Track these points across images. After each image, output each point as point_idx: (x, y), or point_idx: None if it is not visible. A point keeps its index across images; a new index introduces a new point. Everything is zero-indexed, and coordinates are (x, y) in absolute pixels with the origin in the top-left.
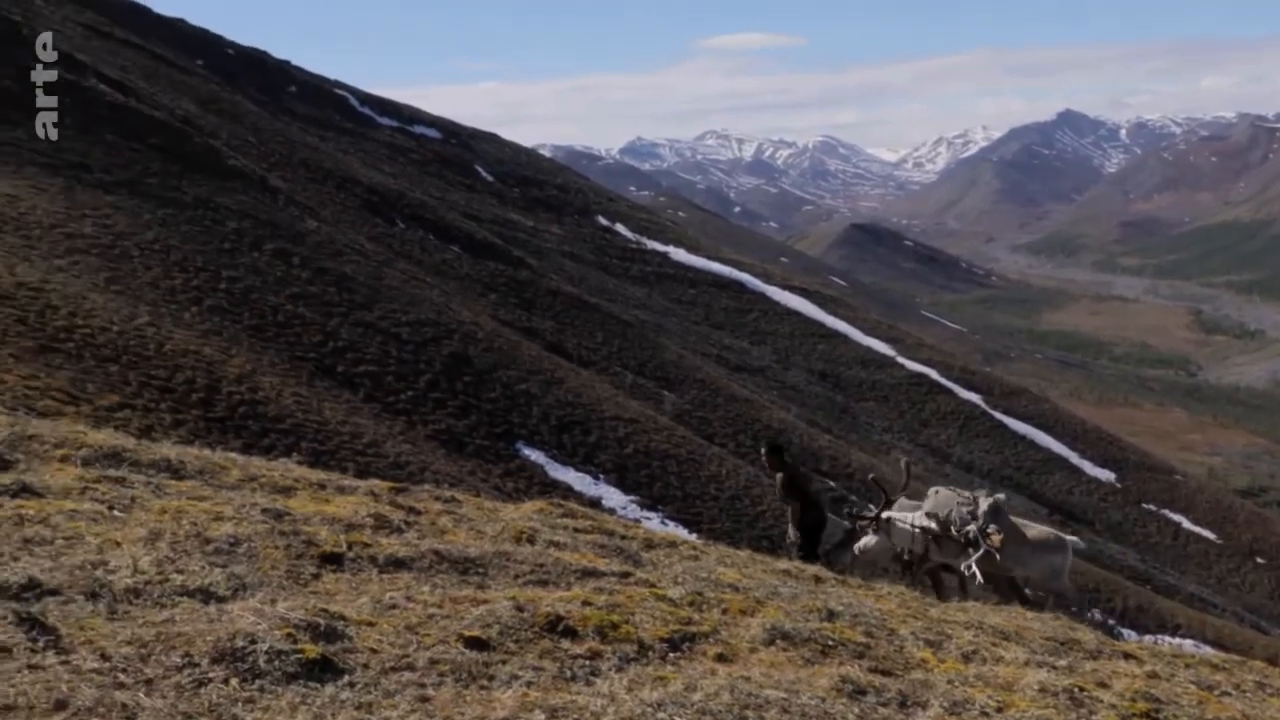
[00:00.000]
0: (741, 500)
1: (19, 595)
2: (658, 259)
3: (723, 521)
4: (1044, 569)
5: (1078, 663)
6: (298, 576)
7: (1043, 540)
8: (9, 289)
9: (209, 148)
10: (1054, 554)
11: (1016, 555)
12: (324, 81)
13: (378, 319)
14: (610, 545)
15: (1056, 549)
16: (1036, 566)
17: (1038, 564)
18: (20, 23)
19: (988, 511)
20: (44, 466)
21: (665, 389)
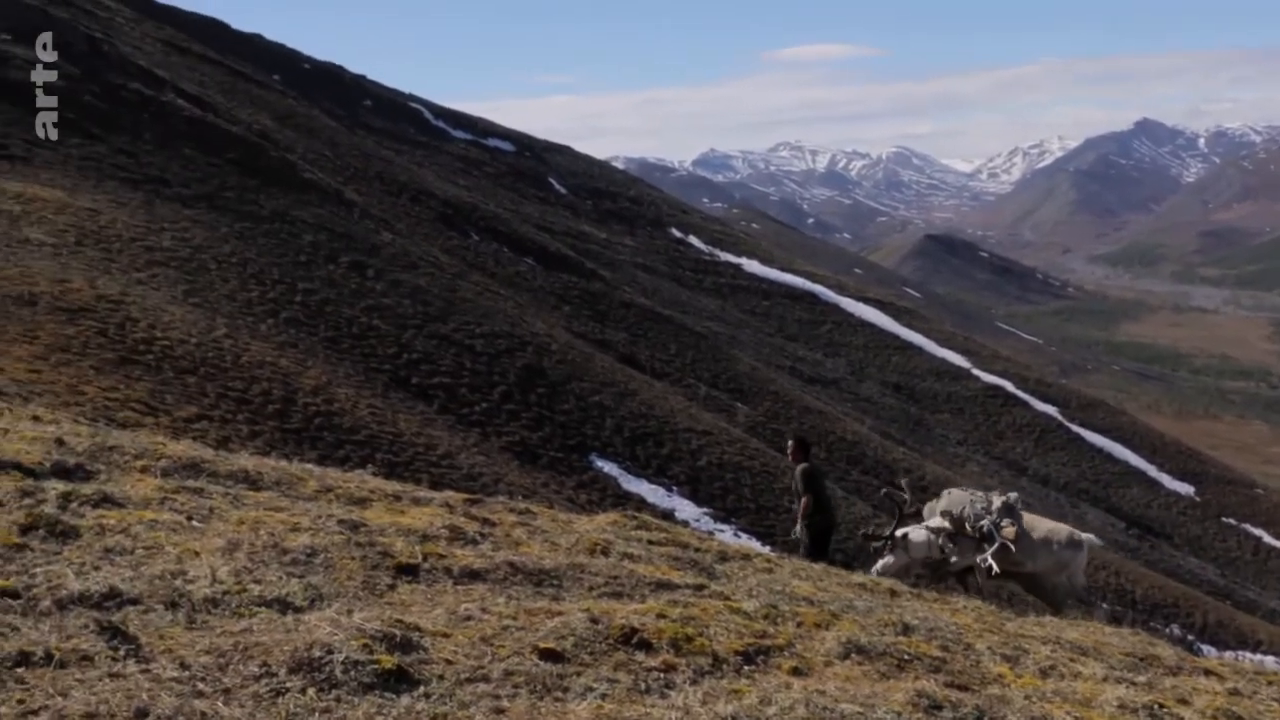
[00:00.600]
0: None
1: (100, 604)
2: (731, 271)
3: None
4: (1054, 563)
5: (1157, 679)
6: (373, 587)
7: (1055, 536)
8: (89, 302)
9: (285, 162)
10: (1065, 549)
11: (1029, 550)
12: (399, 95)
13: (452, 331)
14: (684, 558)
15: (1068, 545)
16: (1046, 561)
17: (1049, 559)
18: (101, 39)
19: (1000, 507)
20: (124, 477)
21: (738, 401)
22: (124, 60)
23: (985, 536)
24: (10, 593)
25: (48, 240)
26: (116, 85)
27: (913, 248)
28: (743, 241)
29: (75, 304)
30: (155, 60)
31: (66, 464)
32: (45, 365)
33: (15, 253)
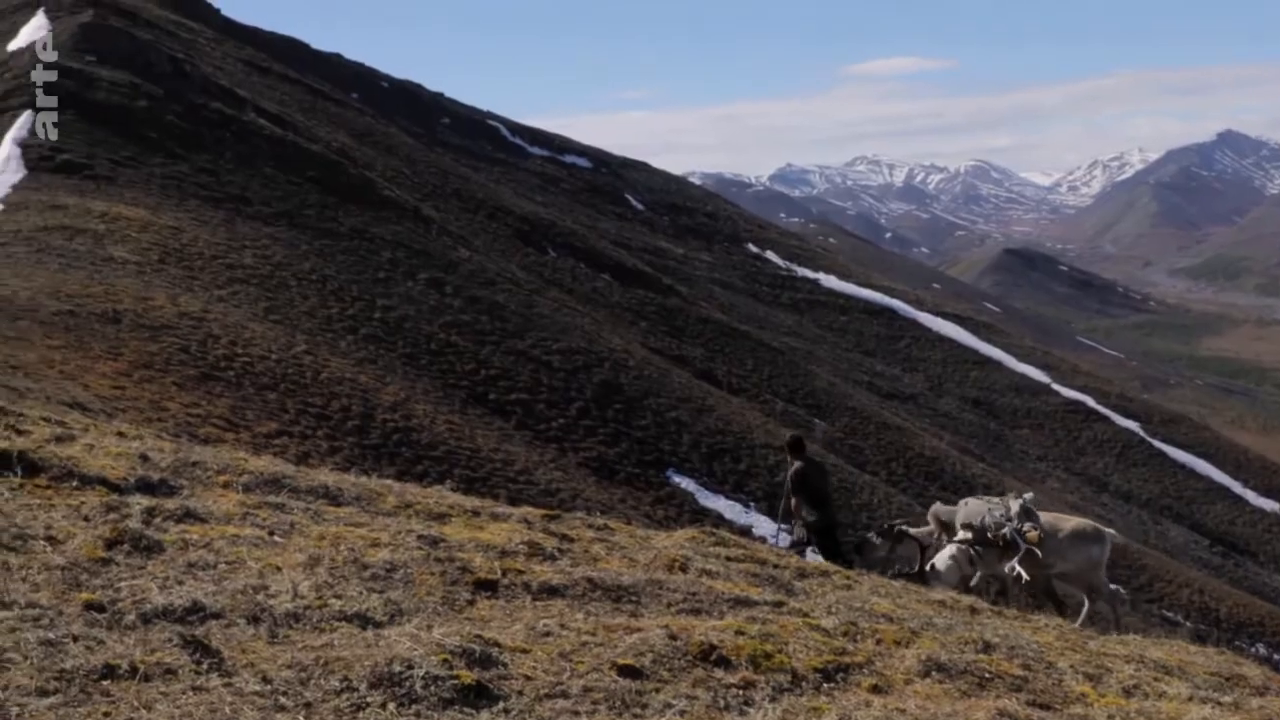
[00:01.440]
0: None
1: (184, 618)
2: (808, 286)
3: None
4: (1083, 560)
5: (1243, 699)
6: (453, 603)
7: (1080, 532)
8: (172, 319)
9: (364, 179)
10: (1092, 545)
11: (1055, 549)
12: (476, 113)
13: (529, 347)
14: (763, 574)
15: (1094, 540)
16: (1075, 558)
17: (1076, 555)
18: (184, 60)
19: (1020, 512)
20: (207, 492)
21: (816, 416)
22: (206, 80)
23: (1009, 544)
24: (96, 606)
25: (131, 258)
26: (198, 105)
27: (991, 262)
28: (820, 256)
29: (158, 321)
30: (236, 80)
31: (150, 479)
32: (129, 382)
33: (100, 270)
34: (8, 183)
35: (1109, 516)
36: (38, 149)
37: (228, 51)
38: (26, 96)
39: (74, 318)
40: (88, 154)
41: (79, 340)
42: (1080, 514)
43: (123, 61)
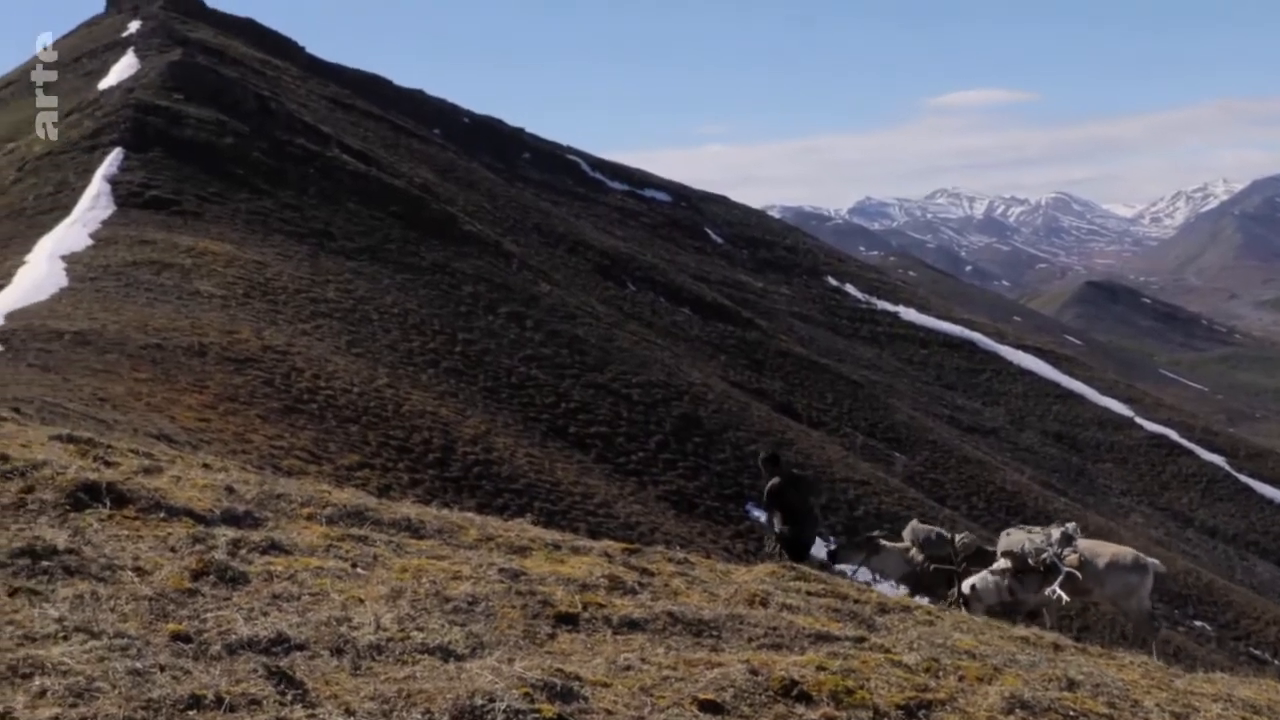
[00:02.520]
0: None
1: (268, 649)
2: (888, 319)
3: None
4: (1119, 587)
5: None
6: (534, 636)
7: (1118, 560)
8: (256, 352)
9: (446, 214)
10: (1130, 573)
11: (1095, 575)
12: (556, 148)
13: (609, 380)
14: (843, 609)
15: (1133, 569)
16: (1113, 585)
17: (1114, 583)
18: (269, 97)
19: (1060, 538)
20: (291, 524)
21: (896, 450)
22: (291, 117)
23: (1050, 569)
24: (182, 637)
25: (217, 292)
26: (283, 141)
27: (1073, 294)
28: (900, 289)
29: (243, 354)
30: (320, 117)
31: (236, 511)
32: (214, 414)
33: (186, 304)
34: (98, 218)
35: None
36: (126, 185)
37: (312, 89)
38: (117, 134)
39: (161, 351)
40: (175, 190)
41: (165, 373)
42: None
43: (210, 99)
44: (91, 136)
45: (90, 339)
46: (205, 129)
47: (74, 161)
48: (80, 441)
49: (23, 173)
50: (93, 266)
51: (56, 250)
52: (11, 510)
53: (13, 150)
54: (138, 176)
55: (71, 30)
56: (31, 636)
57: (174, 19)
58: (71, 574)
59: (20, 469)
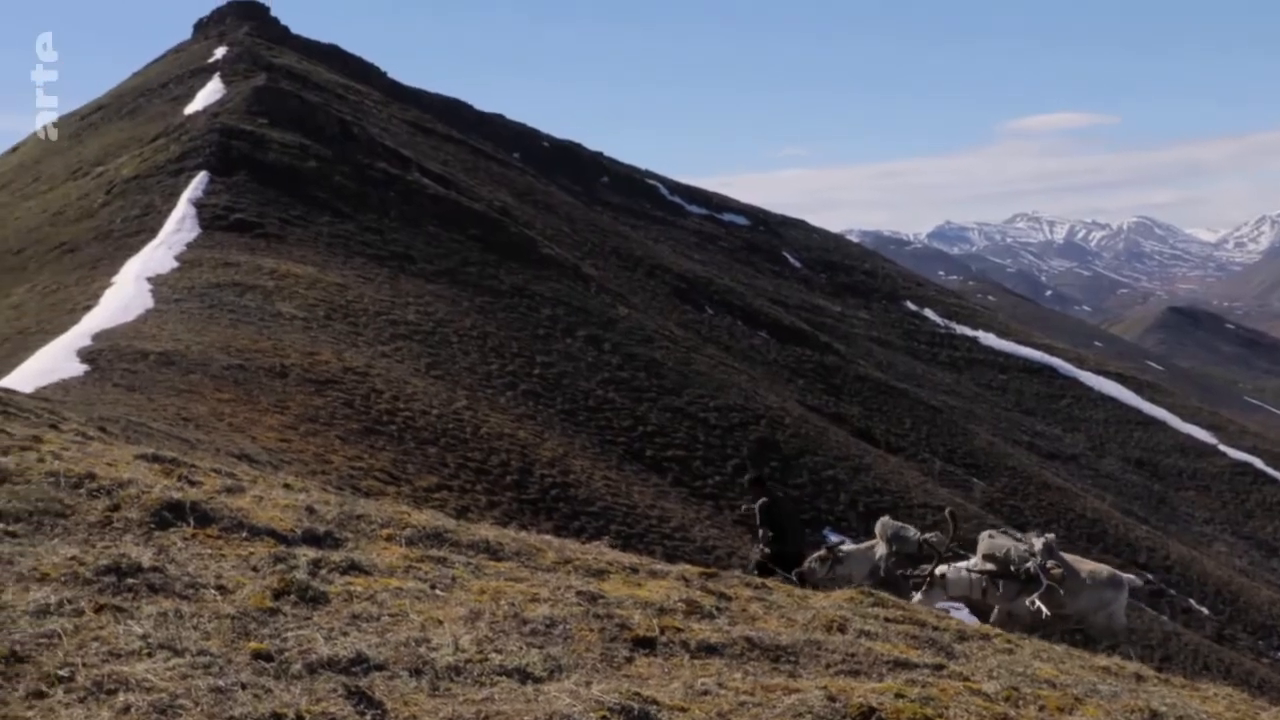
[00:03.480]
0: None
1: (348, 669)
2: (967, 344)
3: None
4: (1095, 603)
5: None
6: (611, 659)
7: (1096, 575)
8: (337, 373)
9: (525, 238)
10: (1105, 589)
11: (1071, 590)
12: (635, 172)
13: (686, 404)
14: (922, 636)
15: (1109, 585)
16: (1089, 601)
17: (1090, 599)
18: (351, 121)
19: (1043, 549)
20: (371, 545)
21: (975, 476)
22: (372, 141)
23: (1031, 579)
24: (264, 655)
25: (299, 314)
26: (365, 165)
27: (1155, 320)
28: (979, 314)
29: (323, 375)
30: (401, 141)
31: (317, 531)
32: (295, 434)
33: (269, 326)
34: (183, 241)
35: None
36: (211, 208)
37: (393, 113)
38: (202, 158)
39: (243, 372)
40: (259, 213)
41: (247, 394)
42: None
43: (293, 123)
44: (178, 160)
45: (174, 359)
46: (289, 153)
47: (160, 185)
48: (165, 461)
49: (111, 196)
50: (178, 288)
51: (143, 272)
52: (98, 528)
53: (101, 173)
54: (222, 200)
55: (159, 56)
56: (116, 653)
57: (259, 45)
58: (156, 591)
59: (107, 487)
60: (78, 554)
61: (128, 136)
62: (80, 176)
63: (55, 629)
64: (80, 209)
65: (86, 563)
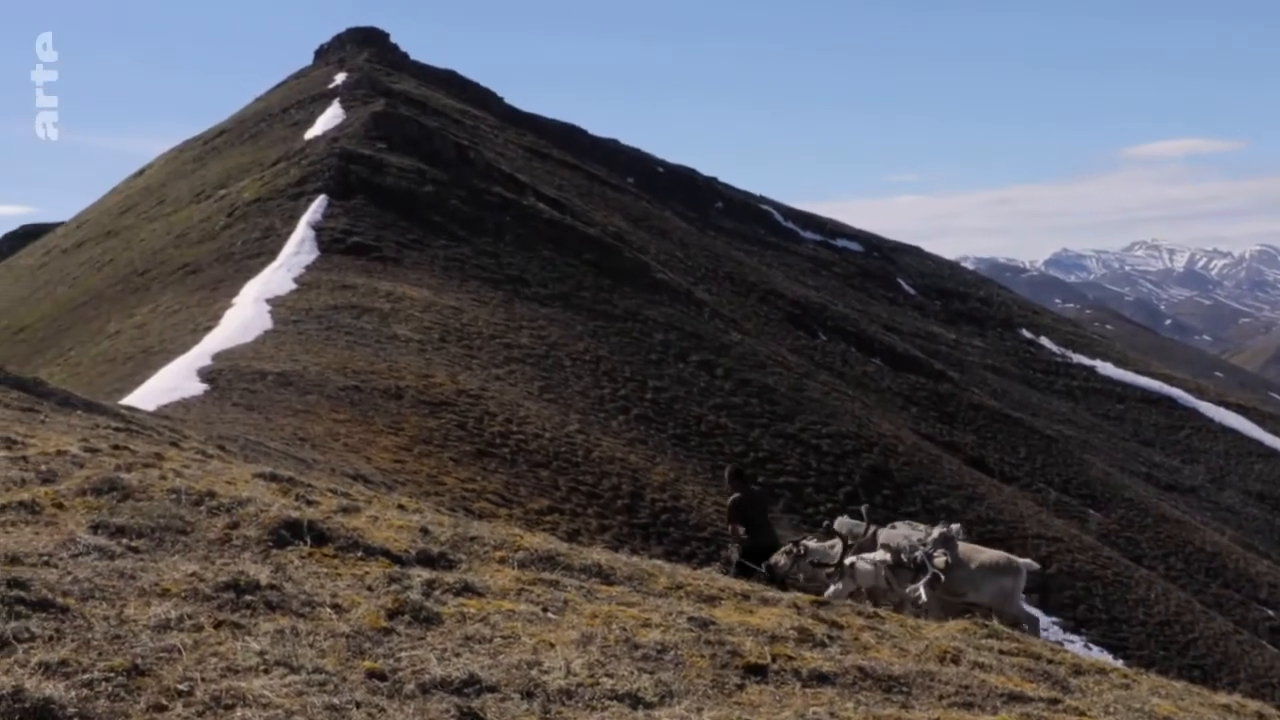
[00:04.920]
0: (1172, 626)
1: (460, 690)
2: (1083, 373)
3: (1151, 648)
4: (995, 591)
5: None
6: (722, 686)
7: (993, 563)
8: (451, 396)
9: (639, 263)
10: (1004, 576)
11: (969, 579)
12: (749, 197)
13: (799, 430)
14: (1037, 669)
15: (1007, 572)
16: (988, 589)
17: (989, 587)
18: (468, 146)
19: (936, 539)
20: (484, 567)
21: (1090, 507)
22: (488, 166)
23: (919, 567)
24: (377, 674)
25: (414, 337)
26: (481, 190)
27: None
28: (1096, 343)
29: (437, 398)
30: (517, 165)
31: (431, 553)
32: (409, 455)
33: (384, 348)
34: (302, 263)
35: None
36: (330, 231)
37: (509, 138)
38: (321, 182)
39: (359, 393)
40: (376, 236)
41: (363, 415)
42: None
43: (411, 148)
44: (297, 184)
45: (292, 380)
46: (406, 177)
47: (280, 208)
48: (282, 480)
49: (232, 218)
50: (296, 310)
51: (262, 294)
52: (217, 545)
53: (224, 196)
54: (340, 223)
55: (280, 82)
56: (234, 669)
57: (378, 71)
58: (273, 609)
59: (226, 505)
60: (198, 570)
61: (249, 160)
62: (203, 199)
63: (175, 644)
64: (202, 231)
65: (206, 579)
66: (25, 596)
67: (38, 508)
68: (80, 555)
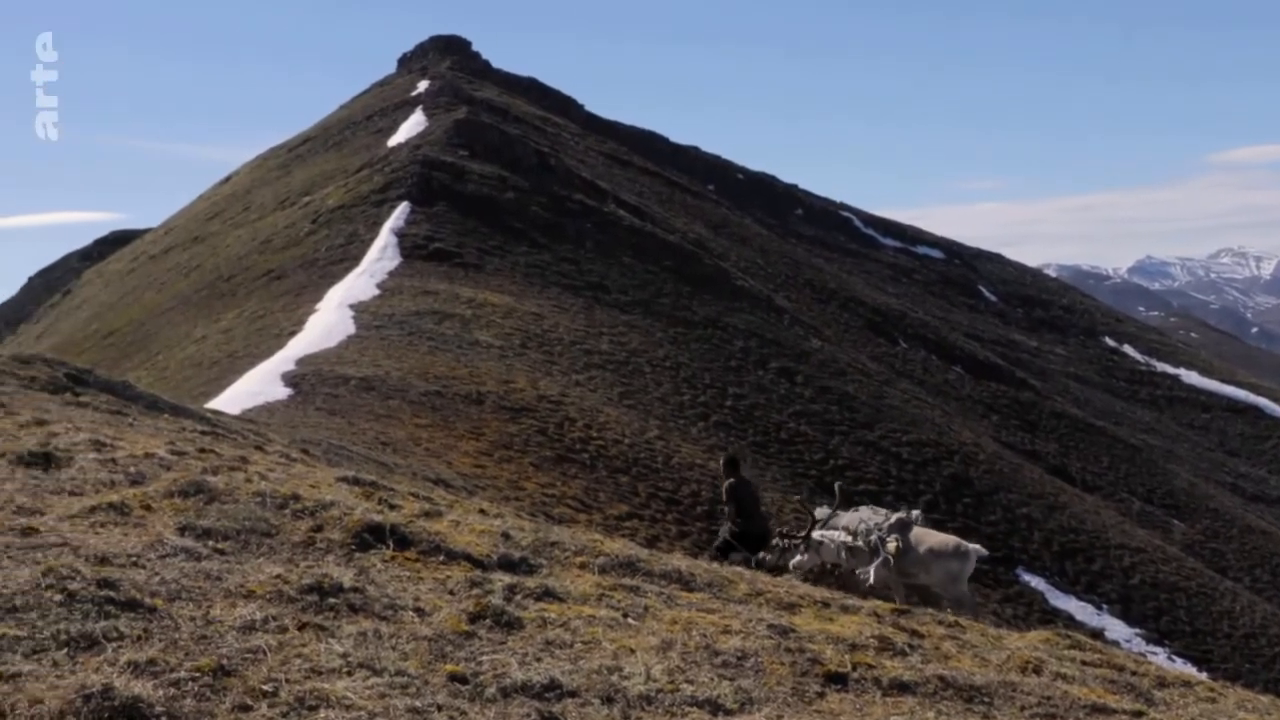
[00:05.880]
0: (1257, 639)
1: (541, 694)
2: (1168, 382)
3: (1236, 661)
4: (943, 574)
5: None
6: (802, 694)
7: (942, 548)
8: (531, 401)
9: (719, 269)
10: (952, 560)
11: (919, 562)
12: (829, 204)
13: (878, 438)
14: (1120, 681)
15: (955, 556)
16: (937, 572)
17: (938, 570)
18: (549, 154)
19: (892, 524)
20: (564, 572)
21: (1175, 518)
22: (569, 173)
23: (874, 549)
24: (459, 678)
25: (495, 343)
26: (562, 196)
27: None
28: (1181, 352)
29: (518, 403)
30: (598, 172)
31: (512, 557)
32: (489, 461)
33: (466, 354)
34: (385, 269)
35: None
36: (412, 238)
37: (590, 145)
38: (404, 189)
39: (440, 398)
40: (458, 243)
41: (444, 419)
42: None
43: (492, 155)
44: (381, 191)
45: (374, 384)
46: (487, 184)
47: (364, 215)
48: (365, 484)
49: (316, 225)
50: (378, 315)
51: (345, 299)
52: (302, 548)
53: (308, 203)
54: (423, 229)
55: (364, 90)
56: (318, 670)
57: (461, 79)
58: (356, 611)
59: (310, 508)
60: (282, 572)
61: (334, 167)
62: (288, 206)
63: (260, 645)
64: (287, 237)
65: (291, 581)
66: (114, 596)
67: (126, 509)
68: (168, 556)
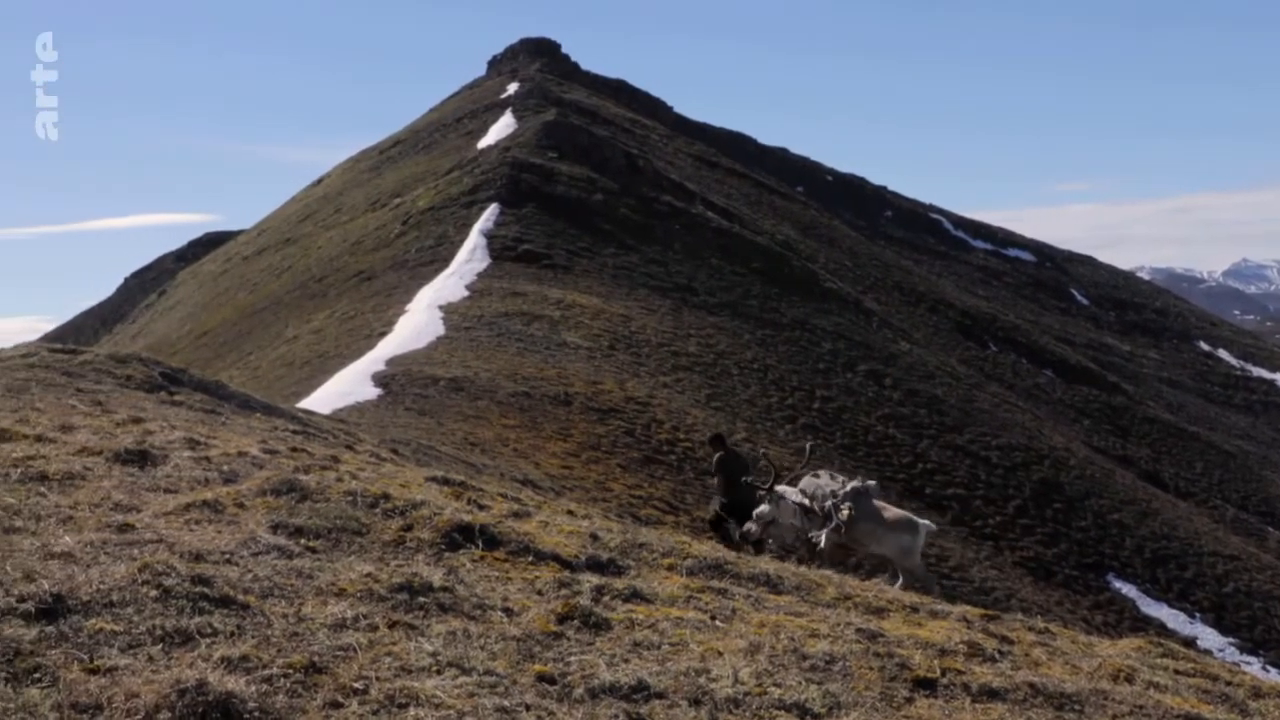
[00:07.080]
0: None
1: (629, 696)
2: (1264, 387)
3: None
4: (896, 547)
5: None
6: (891, 699)
7: (896, 521)
8: (619, 403)
9: (807, 271)
10: (904, 534)
11: (873, 534)
12: (919, 206)
13: (967, 442)
14: (1214, 690)
15: (908, 529)
16: (890, 545)
17: (891, 542)
18: (638, 155)
19: (848, 492)
20: (652, 574)
21: (1271, 525)
22: (658, 175)
23: (827, 515)
24: (547, 678)
25: (583, 344)
26: (650, 198)
27: None
28: (1277, 356)
29: (606, 404)
30: (686, 174)
31: (600, 559)
32: (577, 461)
33: (554, 355)
34: (474, 270)
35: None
36: (501, 239)
37: (678, 147)
38: (494, 190)
39: (528, 399)
40: (547, 244)
41: (532, 420)
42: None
43: (581, 157)
44: (470, 193)
45: (463, 385)
46: (576, 186)
47: (453, 216)
48: (454, 484)
49: (407, 226)
50: (468, 316)
51: (435, 300)
52: (392, 547)
53: (399, 205)
54: (512, 231)
55: (454, 93)
56: (408, 668)
57: (550, 81)
58: (445, 611)
59: (400, 508)
60: (373, 571)
61: (424, 169)
62: (378, 208)
63: (351, 643)
64: (378, 239)
65: (381, 580)
66: (208, 593)
67: (220, 507)
68: (260, 554)
